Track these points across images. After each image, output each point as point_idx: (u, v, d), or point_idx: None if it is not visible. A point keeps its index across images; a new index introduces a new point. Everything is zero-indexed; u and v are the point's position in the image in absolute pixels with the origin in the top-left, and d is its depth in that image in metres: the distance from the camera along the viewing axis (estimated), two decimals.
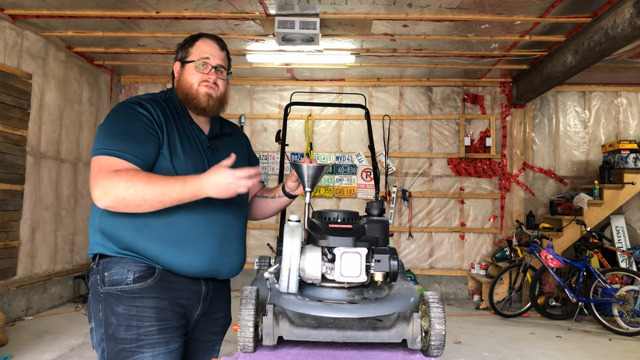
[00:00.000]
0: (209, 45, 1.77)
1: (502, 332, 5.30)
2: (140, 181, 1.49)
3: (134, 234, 1.59)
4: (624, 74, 6.66)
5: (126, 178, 1.48)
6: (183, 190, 1.50)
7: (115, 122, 1.62)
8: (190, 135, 1.73)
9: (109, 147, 1.55)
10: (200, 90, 1.73)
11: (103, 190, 1.49)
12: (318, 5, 4.70)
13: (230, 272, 1.77)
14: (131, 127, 1.59)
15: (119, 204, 1.50)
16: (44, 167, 5.69)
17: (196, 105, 1.74)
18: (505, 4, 4.61)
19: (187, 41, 1.79)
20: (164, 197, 1.50)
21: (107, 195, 1.48)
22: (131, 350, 1.57)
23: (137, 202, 1.49)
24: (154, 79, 7.49)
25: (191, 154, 1.67)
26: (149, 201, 1.50)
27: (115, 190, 1.48)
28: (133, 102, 1.66)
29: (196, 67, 1.73)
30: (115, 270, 1.60)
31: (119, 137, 1.57)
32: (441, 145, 7.35)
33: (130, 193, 1.47)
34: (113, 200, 1.49)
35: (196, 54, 1.75)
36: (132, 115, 1.62)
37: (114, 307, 1.59)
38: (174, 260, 1.61)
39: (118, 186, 1.47)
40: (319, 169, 1.65)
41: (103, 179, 1.49)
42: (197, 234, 1.63)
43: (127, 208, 1.51)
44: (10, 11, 4.98)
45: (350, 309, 1.39)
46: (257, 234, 7.30)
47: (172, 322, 1.63)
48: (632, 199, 6.79)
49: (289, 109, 2.96)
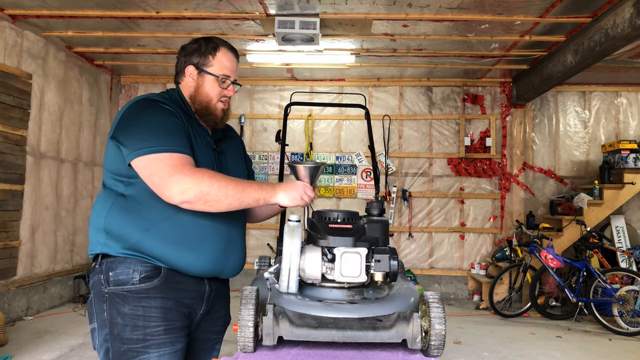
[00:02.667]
0: (230, 60, 1.77)
1: (502, 332, 5.30)
2: (223, 178, 1.53)
3: (141, 234, 1.59)
4: (624, 74, 6.66)
5: (210, 174, 1.52)
6: (259, 193, 1.55)
7: (152, 118, 1.60)
8: (199, 136, 1.74)
9: (163, 143, 1.53)
10: (218, 106, 1.76)
11: (187, 185, 1.49)
12: (318, 5, 4.70)
13: (232, 271, 1.78)
14: (171, 123, 1.60)
15: (200, 199, 1.50)
16: (44, 167, 5.69)
17: (212, 119, 1.76)
18: (505, 4, 4.61)
19: (207, 49, 1.75)
20: (244, 196, 1.53)
21: (191, 189, 1.49)
22: (137, 350, 1.57)
23: (219, 198, 1.51)
24: (154, 79, 7.49)
25: (202, 155, 1.69)
26: (231, 197, 1.52)
27: (200, 185, 1.49)
28: (154, 100, 1.65)
29: (218, 82, 1.74)
30: (120, 270, 1.60)
31: (168, 133, 1.57)
32: (441, 145, 7.35)
33: (214, 188, 1.50)
34: (196, 195, 1.49)
35: (218, 67, 1.74)
36: (166, 112, 1.62)
37: (119, 307, 1.58)
38: (180, 260, 1.62)
39: (203, 181, 1.49)
40: (315, 169, 1.66)
41: (185, 175, 1.49)
42: (203, 234, 1.64)
43: (207, 204, 1.52)
44: (10, 11, 4.98)
45: (350, 309, 1.39)
46: (257, 234, 7.29)
47: (178, 322, 1.63)
48: (632, 199, 6.79)
49: (289, 109, 2.96)
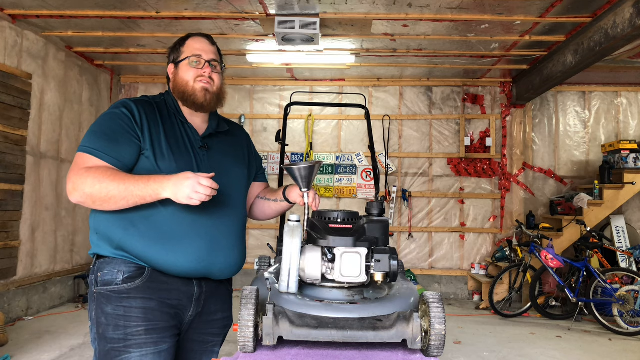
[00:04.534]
0: (199, 42, 1.79)
1: (502, 332, 5.30)
2: (107, 178, 1.53)
3: (122, 233, 1.61)
4: (624, 74, 6.66)
5: (94, 175, 1.53)
6: (145, 189, 1.53)
7: (99, 122, 1.67)
8: (180, 135, 1.73)
9: (88, 145, 1.60)
10: (196, 86, 1.74)
11: (73, 186, 1.55)
12: (318, 5, 4.70)
13: (223, 272, 1.75)
14: (111, 128, 1.63)
15: (87, 200, 1.55)
16: (44, 167, 5.69)
17: (194, 101, 1.74)
18: (505, 4, 4.61)
19: (177, 42, 1.82)
20: (128, 194, 1.53)
21: (75, 190, 1.54)
22: (119, 350, 1.58)
23: (103, 199, 1.53)
24: (154, 79, 7.48)
25: (179, 155, 1.68)
26: (114, 198, 1.53)
27: (83, 187, 1.53)
28: (121, 103, 1.70)
29: (190, 64, 1.75)
30: (107, 271, 1.63)
31: (98, 137, 1.61)
32: (441, 145, 7.35)
33: (96, 189, 1.52)
34: (81, 196, 1.54)
35: (188, 52, 1.77)
36: (115, 116, 1.65)
37: (103, 307, 1.61)
38: (160, 260, 1.62)
39: (86, 183, 1.53)
40: (311, 169, 1.66)
41: (75, 175, 1.55)
42: (182, 233, 1.63)
43: (95, 204, 1.56)
44: (10, 11, 4.98)
45: (350, 309, 1.39)
46: (257, 234, 7.29)
47: (161, 323, 1.63)
48: (632, 199, 6.79)
49: (289, 109, 2.96)
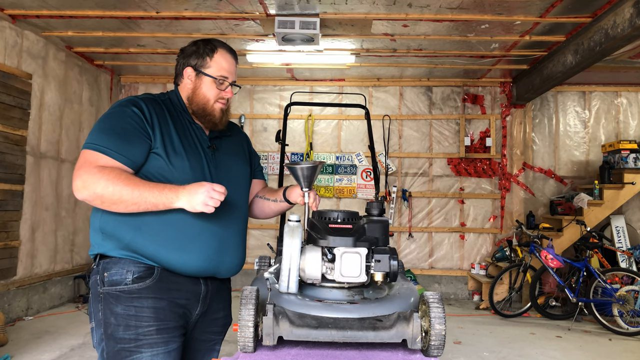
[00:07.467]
0: (228, 61, 1.78)
1: (502, 332, 5.29)
2: (121, 182, 1.52)
3: (133, 234, 1.61)
4: (624, 74, 6.66)
5: (108, 177, 1.51)
6: (159, 197, 1.54)
7: (108, 119, 1.65)
8: (189, 134, 1.74)
9: (98, 142, 1.58)
10: (215, 107, 1.76)
11: (83, 183, 1.52)
12: (318, 5, 4.70)
13: (229, 271, 1.77)
14: (121, 126, 1.61)
15: (95, 199, 1.54)
16: (44, 167, 5.69)
17: (211, 120, 1.76)
18: (505, 4, 4.61)
19: (205, 50, 1.76)
20: (140, 201, 1.53)
21: (85, 188, 1.52)
22: (130, 350, 1.58)
23: (113, 201, 1.53)
24: (154, 79, 7.48)
25: (190, 152, 1.69)
26: (125, 202, 1.53)
27: (94, 186, 1.51)
28: (128, 101, 1.68)
29: (216, 84, 1.75)
30: (114, 271, 1.61)
31: (109, 135, 1.60)
32: (441, 145, 7.35)
33: (109, 192, 1.51)
34: (90, 195, 1.53)
35: (215, 69, 1.75)
36: (125, 114, 1.64)
37: (112, 307, 1.60)
38: (172, 259, 1.62)
39: (98, 183, 1.51)
40: (313, 169, 1.66)
41: (86, 173, 1.53)
42: (195, 233, 1.65)
43: (103, 205, 1.55)
44: (10, 11, 4.98)
45: (350, 309, 1.39)
46: (257, 234, 7.29)
47: (171, 323, 1.64)
48: (632, 199, 6.78)
49: (289, 109, 2.96)
